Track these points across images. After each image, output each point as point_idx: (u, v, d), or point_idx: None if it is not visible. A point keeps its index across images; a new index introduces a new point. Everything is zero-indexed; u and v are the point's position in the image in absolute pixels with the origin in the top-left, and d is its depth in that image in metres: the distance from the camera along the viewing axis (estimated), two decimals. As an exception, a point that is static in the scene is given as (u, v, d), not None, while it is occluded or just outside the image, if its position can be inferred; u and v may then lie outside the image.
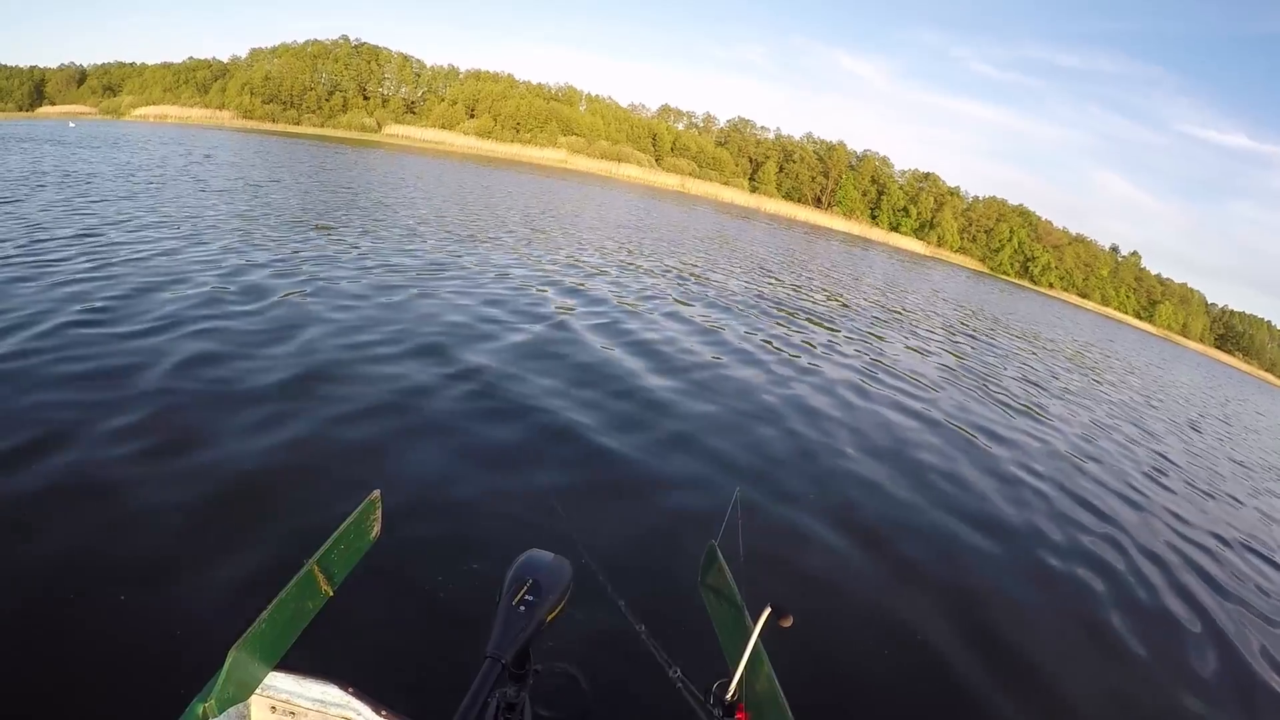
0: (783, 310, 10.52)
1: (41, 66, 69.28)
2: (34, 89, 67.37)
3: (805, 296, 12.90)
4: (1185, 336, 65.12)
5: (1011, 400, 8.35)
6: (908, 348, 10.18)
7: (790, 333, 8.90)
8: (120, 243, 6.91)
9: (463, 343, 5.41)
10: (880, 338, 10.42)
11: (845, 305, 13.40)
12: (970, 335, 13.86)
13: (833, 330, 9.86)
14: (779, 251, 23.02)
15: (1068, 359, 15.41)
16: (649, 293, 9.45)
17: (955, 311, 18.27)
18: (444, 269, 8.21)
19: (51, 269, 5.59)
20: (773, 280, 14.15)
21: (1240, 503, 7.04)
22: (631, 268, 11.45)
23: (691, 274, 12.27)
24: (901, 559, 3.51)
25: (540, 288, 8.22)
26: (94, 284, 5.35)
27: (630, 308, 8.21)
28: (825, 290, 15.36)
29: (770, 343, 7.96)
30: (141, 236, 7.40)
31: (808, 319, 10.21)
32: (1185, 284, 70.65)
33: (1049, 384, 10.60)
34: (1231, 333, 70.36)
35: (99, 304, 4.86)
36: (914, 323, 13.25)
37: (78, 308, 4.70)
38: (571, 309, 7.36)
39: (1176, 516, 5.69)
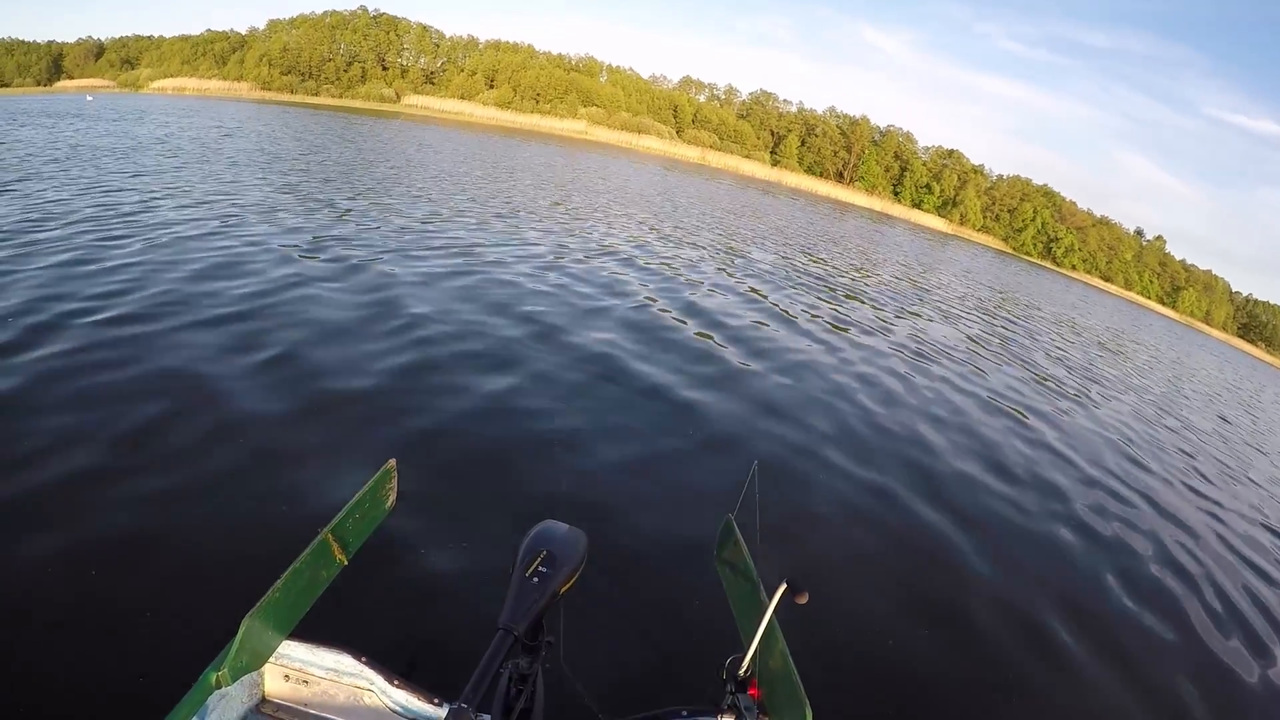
0: (822, 285, 10.53)
1: (59, 41, 69.24)
2: (52, 63, 67.35)
3: (843, 273, 12.84)
4: (1208, 324, 64.01)
5: (1052, 383, 8.30)
6: (943, 326, 10.16)
7: (826, 306, 8.93)
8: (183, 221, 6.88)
9: (519, 303, 5.51)
10: (916, 315, 10.41)
11: (882, 282, 13.36)
12: (1008, 319, 13.80)
13: (872, 307, 9.84)
14: (811, 228, 22.83)
15: (1102, 345, 15.18)
16: (699, 265, 9.50)
17: (988, 293, 18.12)
18: (499, 244, 8.15)
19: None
20: (812, 257, 14.07)
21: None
22: (673, 240, 11.43)
23: (732, 249, 12.21)
24: (932, 538, 3.43)
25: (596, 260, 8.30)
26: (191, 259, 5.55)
27: (680, 277, 8.25)
28: (862, 268, 15.24)
29: (807, 314, 8.00)
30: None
31: (846, 294, 10.21)
32: (1210, 270, 69.25)
33: (1086, 368, 10.49)
34: (1255, 322, 69.09)
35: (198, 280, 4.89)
36: (948, 303, 13.19)
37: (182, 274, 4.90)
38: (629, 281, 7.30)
39: (1221, 505, 5.62)
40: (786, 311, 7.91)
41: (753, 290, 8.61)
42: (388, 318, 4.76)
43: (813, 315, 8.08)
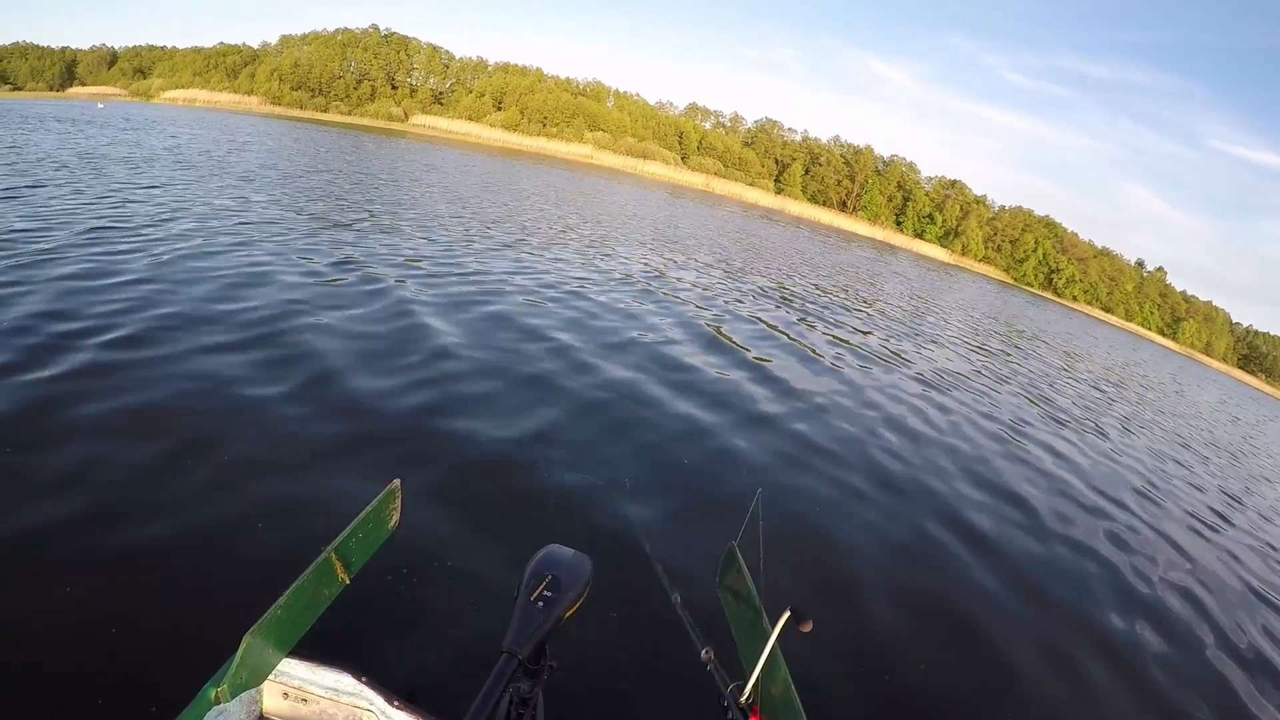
0: (828, 313, 10.62)
1: (73, 47, 70.11)
2: (65, 69, 68.16)
3: (850, 301, 12.85)
4: (1208, 355, 64.23)
5: (1059, 414, 8.34)
6: (952, 354, 10.22)
7: (833, 333, 8.91)
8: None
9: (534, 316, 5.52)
10: (924, 345, 10.49)
11: (887, 310, 13.42)
12: (1016, 348, 13.90)
13: (871, 334, 9.86)
14: (822, 258, 22.99)
15: (1107, 377, 15.33)
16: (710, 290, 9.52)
17: (994, 323, 18.31)
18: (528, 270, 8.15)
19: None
20: (821, 289, 14.12)
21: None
22: (682, 265, 11.43)
23: (738, 275, 12.21)
24: (941, 564, 3.43)
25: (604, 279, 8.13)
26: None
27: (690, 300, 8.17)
28: (871, 298, 15.25)
29: (820, 342, 8.02)
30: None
31: (851, 321, 10.24)
32: (1210, 301, 69.79)
33: (1096, 401, 10.49)
34: (1255, 353, 69.38)
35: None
36: (957, 333, 13.28)
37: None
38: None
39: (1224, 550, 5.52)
40: (799, 341, 7.89)
41: (759, 318, 8.54)
42: (403, 340, 4.70)
43: (819, 345, 7.99)
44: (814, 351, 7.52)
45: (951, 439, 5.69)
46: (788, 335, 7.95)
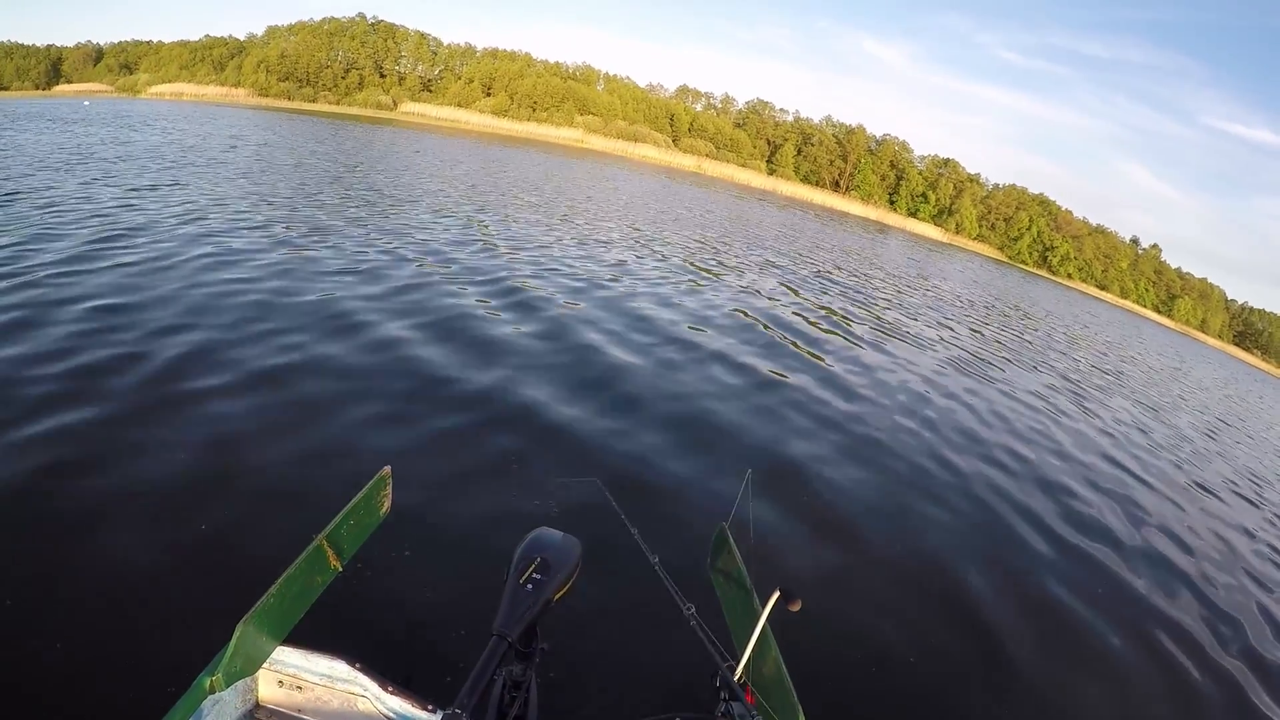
0: (828, 294, 10.63)
1: (59, 45, 69.36)
2: (51, 67, 67.48)
3: (843, 277, 12.70)
4: (1204, 332, 64.04)
5: (1063, 397, 8.30)
6: (942, 332, 10.19)
7: (825, 315, 8.91)
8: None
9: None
10: (915, 320, 10.47)
11: (898, 291, 13.40)
12: (1019, 327, 13.89)
13: (861, 314, 9.79)
14: (790, 234, 22.85)
15: (1112, 354, 15.21)
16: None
17: (997, 300, 18.38)
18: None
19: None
20: (815, 262, 14.01)
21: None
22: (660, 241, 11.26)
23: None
24: (928, 544, 3.44)
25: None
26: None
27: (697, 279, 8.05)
28: (862, 274, 15.16)
29: (817, 324, 8.00)
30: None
31: (840, 293, 10.14)
32: (1205, 279, 69.42)
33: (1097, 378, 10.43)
34: (1251, 330, 69.20)
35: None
36: (959, 312, 13.28)
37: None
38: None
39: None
40: (808, 320, 7.93)
41: (752, 290, 8.50)
42: (377, 321, 4.71)
43: (823, 322, 7.98)
44: (815, 332, 7.52)
45: (946, 416, 5.71)
46: (799, 315, 7.94)
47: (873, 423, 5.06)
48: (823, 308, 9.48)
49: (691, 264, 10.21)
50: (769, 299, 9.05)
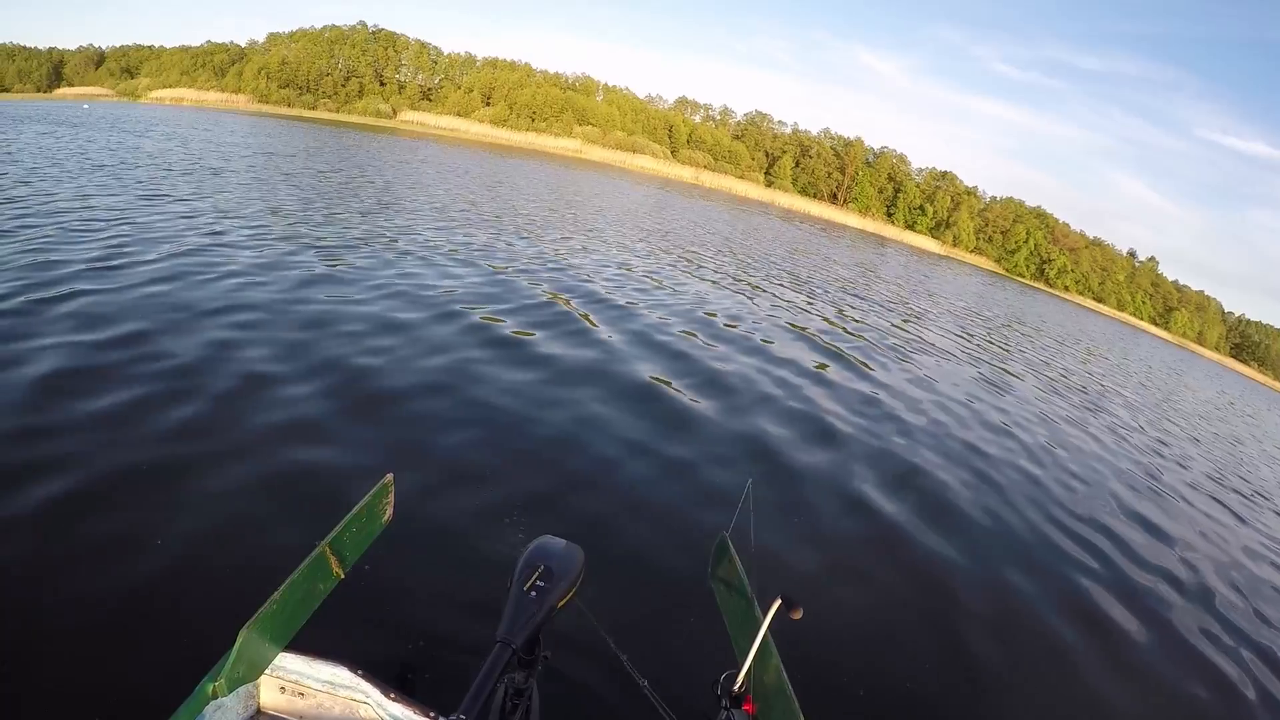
0: (831, 305, 10.65)
1: (60, 48, 69.60)
2: (52, 70, 67.64)
3: (853, 295, 12.69)
4: (1201, 345, 64.26)
5: (1069, 403, 8.32)
6: (941, 341, 10.15)
7: (824, 322, 8.90)
8: None
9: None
10: (913, 328, 10.42)
11: (914, 313, 13.44)
12: (1023, 341, 13.91)
13: (865, 323, 9.75)
14: (794, 246, 22.94)
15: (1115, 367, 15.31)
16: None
17: (999, 313, 18.54)
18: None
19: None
20: (830, 277, 14.00)
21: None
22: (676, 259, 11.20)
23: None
24: (925, 557, 3.38)
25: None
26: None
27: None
28: (863, 289, 15.12)
29: (818, 337, 7.89)
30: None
31: (855, 314, 10.09)
32: (1202, 291, 69.81)
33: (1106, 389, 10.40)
34: (1247, 342, 69.47)
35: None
36: (964, 326, 13.28)
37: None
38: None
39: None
40: (802, 329, 7.89)
41: (738, 286, 8.41)
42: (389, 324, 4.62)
43: (824, 333, 7.95)
44: (807, 339, 7.52)
45: (960, 431, 5.65)
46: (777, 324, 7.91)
47: (884, 435, 4.99)
48: (826, 319, 9.41)
49: (734, 277, 10.14)
50: (771, 306, 8.97)
